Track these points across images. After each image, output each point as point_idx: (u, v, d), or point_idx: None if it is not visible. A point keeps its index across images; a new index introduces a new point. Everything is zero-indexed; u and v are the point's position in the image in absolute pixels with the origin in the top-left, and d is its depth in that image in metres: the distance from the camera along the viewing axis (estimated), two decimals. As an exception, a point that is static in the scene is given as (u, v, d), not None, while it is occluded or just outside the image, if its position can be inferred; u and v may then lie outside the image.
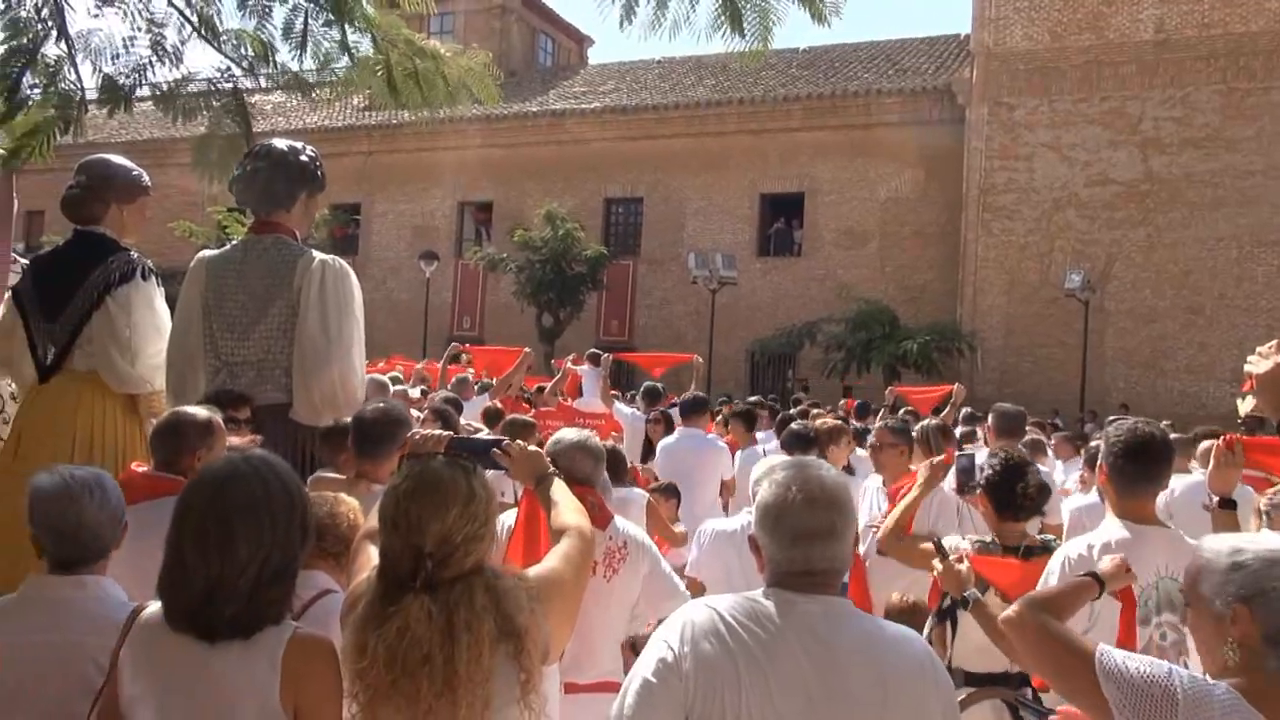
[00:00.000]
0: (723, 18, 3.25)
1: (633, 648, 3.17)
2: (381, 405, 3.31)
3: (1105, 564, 2.50)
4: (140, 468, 3.05)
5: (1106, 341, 20.04)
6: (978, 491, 3.34)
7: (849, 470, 5.69)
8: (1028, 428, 6.76)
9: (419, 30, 5.27)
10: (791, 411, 8.78)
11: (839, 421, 6.66)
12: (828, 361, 20.37)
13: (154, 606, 1.86)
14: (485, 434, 4.67)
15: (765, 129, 23.76)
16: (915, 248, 22.47)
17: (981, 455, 3.71)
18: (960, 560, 2.86)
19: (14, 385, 4.50)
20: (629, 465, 5.43)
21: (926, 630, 3.07)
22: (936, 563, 2.90)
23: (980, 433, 7.20)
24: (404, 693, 1.70)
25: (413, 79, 3.74)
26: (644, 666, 1.81)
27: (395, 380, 8.51)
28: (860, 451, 6.16)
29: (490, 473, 2.05)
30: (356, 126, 26.60)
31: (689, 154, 24.32)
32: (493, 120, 24.59)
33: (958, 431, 7.35)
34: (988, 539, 3.19)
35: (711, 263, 21.15)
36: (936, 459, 3.79)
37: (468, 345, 11.45)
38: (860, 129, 22.92)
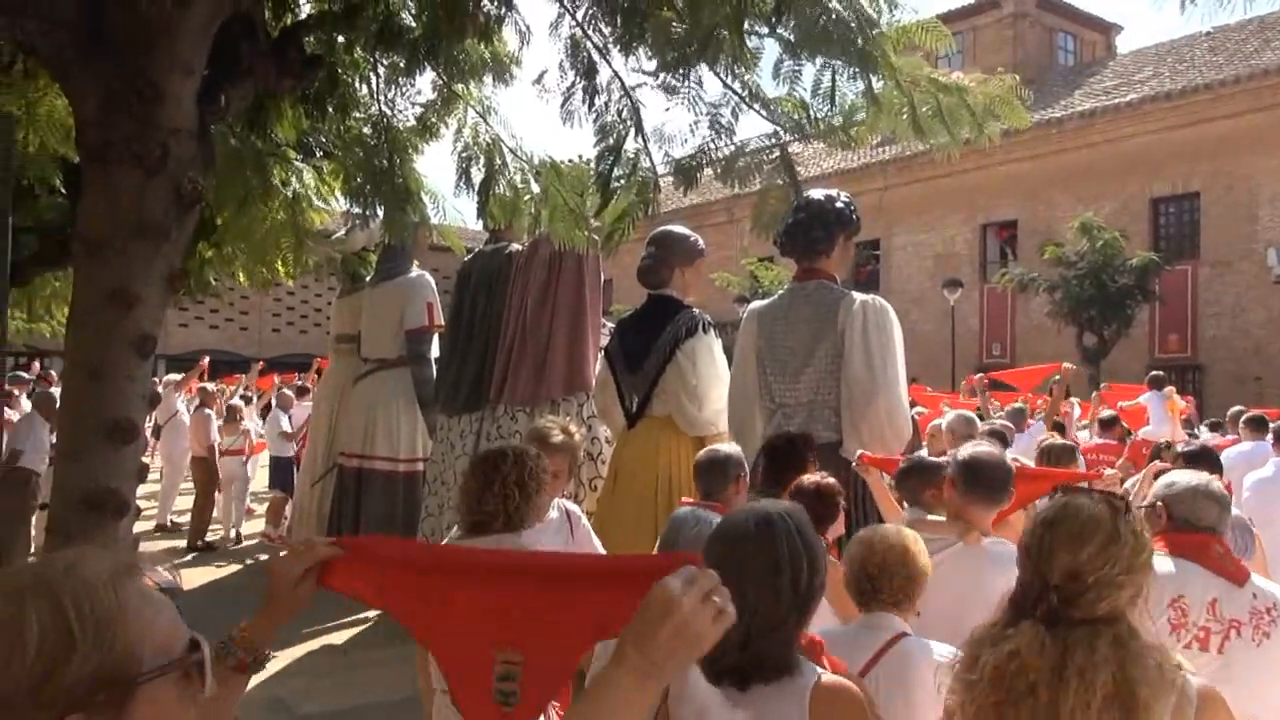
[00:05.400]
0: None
1: None
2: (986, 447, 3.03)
3: None
4: (686, 500, 3.38)
5: None
6: None
7: None
8: None
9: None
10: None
11: None
12: None
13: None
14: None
15: (1365, 86, 19.33)
16: None
17: None
18: None
19: (609, 430, 5.35)
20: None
21: None
22: None
23: None
24: (1007, 718, 1.66)
25: (937, 116, 3.71)
26: None
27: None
28: None
29: None
30: (871, 164, 27.09)
31: (1257, 132, 20.63)
32: (1012, 134, 23.26)
33: None
34: None
35: (1299, 257, 17.65)
36: None
37: (990, 374, 10.99)
38: None
